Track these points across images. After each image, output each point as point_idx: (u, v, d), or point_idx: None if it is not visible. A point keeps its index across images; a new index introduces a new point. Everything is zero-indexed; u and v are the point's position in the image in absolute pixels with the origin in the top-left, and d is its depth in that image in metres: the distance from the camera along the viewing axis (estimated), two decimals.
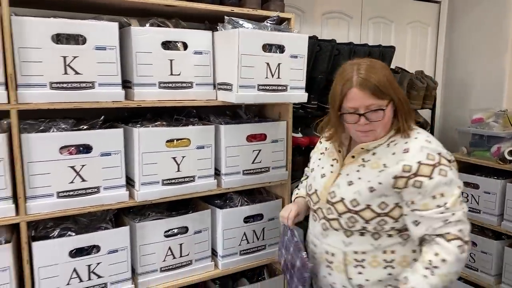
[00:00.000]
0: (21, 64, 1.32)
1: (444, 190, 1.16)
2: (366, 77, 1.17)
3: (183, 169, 1.64)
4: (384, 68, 1.25)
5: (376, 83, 1.17)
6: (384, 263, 1.25)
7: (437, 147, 1.21)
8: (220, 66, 1.65)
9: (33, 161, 1.38)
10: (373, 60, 1.27)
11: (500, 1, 2.76)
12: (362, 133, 1.24)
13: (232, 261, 1.81)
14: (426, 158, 1.17)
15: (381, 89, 1.18)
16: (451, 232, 1.15)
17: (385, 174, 1.20)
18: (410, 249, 1.26)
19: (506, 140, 2.37)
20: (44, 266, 1.43)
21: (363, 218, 1.22)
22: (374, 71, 1.19)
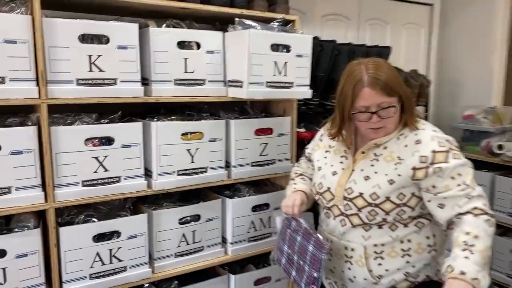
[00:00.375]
0: (51, 62, 1.43)
1: (461, 170, 1.22)
2: (376, 75, 1.22)
3: (196, 161, 1.75)
4: (390, 66, 1.30)
5: (386, 80, 1.22)
6: (402, 252, 1.32)
7: (444, 135, 1.30)
8: (231, 64, 1.77)
9: (60, 152, 1.49)
10: (377, 59, 1.32)
11: (489, 5, 2.91)
12: (373, 130, 1.30)
13: (241, 247, 1.93)
14: (438, 146, 1.24)
15: (391, 86, 1.23)
16: (478, 206, 1.18)
17: (403, 167, 1.26)
18: (424, 236, 1.32)
19: (495, 135, 2.53)
20: (70, 250, 1.53)
21: (384, 210, 1.27)
22: (382, 70, 1.24)
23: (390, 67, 1.30)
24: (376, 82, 1.22)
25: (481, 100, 2.92)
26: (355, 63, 1.30)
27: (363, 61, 1.29)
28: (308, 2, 2.54)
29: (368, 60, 1.30)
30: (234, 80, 1.75)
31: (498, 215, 2.36)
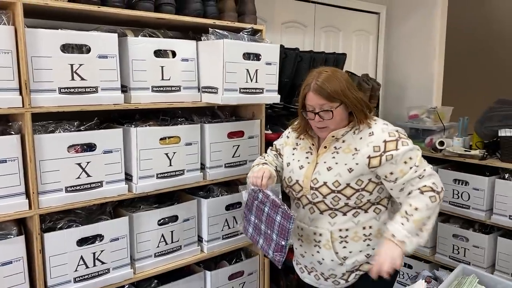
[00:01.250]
0: (34, 72, 1.46)
1: (411, 154, 1.43)
2: (321, 84, 1.43)
3: (174, 164, 1.84)
4: (341, 76, 1.48)
5: (329, 90, 1.42)
6: (364, 237, 1.53)
7: (393, 127, 1.51)
8: (205, 72, 1.87)
9: (44, 159, 1.51)
10: (336, 70, 1.51)
11: (429, 13, 3.22)
12: (318, 129, 1.51)
13: (216, 245, 2.04)
14: (388, 136, 1.45)
15: (332, 95, 1.43)
16: (426, 184, 1.41)
17: (359, 156, 1.46)
18: (383, 222, 1.53)
19: (436, 132, 2.82)
20: (55, 255, 1.56)
21: (345, 195, 1.47)
22: (330, 80, 1.43)
23: (340, 77, 1.47)
24: (320, 90, 1.43)
25: (423, 101, 3.22)
26: (316, 70, 1.49)
27: (321, 69, 1.49)
28: (269, 11, 2.69)
29: (323, 69, 1.48)
30: (209, 87, 1.85)
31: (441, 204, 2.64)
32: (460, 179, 2.55)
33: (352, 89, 1.49)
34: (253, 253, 2.27)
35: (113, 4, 1.62)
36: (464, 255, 2.53)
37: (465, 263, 2.50)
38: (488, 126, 2.48)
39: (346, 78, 1.51)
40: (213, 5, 1.91)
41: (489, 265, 2.46)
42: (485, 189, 2.43)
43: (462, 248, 2.54)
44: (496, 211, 2.40)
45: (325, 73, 1.46)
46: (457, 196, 2.55)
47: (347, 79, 1.51)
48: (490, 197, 2.44)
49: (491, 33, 4.26)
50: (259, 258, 2.24)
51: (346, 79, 1.50)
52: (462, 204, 2.54)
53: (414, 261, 2.81)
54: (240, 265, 2.17)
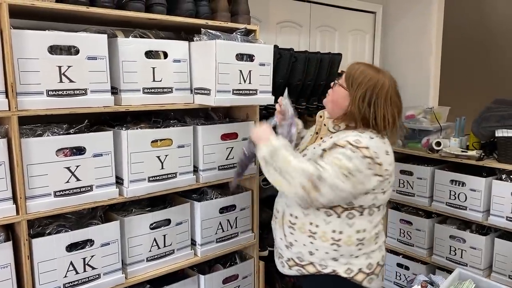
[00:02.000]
0: (20, 74, 1.42)
1: (341, 158, 1.37)
2: (352, 66, 1.51)
3: (166, 167, 1.80)
4: (367, 68, 1.49)
5: (351, 69, 1.49)
6: (309, 232, 1.50)
7: (363, 140, 1.40)
8: (197, 73, 1.84)
9: (32, 163, 1.48)
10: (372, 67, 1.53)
11: (425, 13, 3.20)
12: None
13: (210, 248, 2.01)
14: (349, 138, 1.41)
15: (349, 75, 1.48)
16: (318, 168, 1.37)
17: (320, 148, 1.48)
18: (331, 229, 1.47)
19: (433, 133, 2.79)
20: (43, 261, 1.53)
21: None
22: (361, 70, 1.47)
23: (366, 71, 1.48)
24: (348, 69, 1.53)
25: (419, 101, 3.20)
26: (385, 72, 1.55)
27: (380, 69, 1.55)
28: (264, 10, 2.66)
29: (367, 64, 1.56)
30: (201, 88, 1.82)
31: (437, 205, 2.62)
32: (457, 180, 2.52)
33: (374, 99, 1.44)
34: (248, 256, 2.24)
35: (103, 4, 1.59)
36: (461, 256, 2.51)
37: (462, 264, 2.48)
38: (485, 127, 2.46)
39: (373, 85, 1.45)
40: (205, 5, 1.88)
41: (486, 266, 2.44)
42: (482, 190, 2.41)
43: (459, 250, 2.52)
44: (493, 212, 2.38)
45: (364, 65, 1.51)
46: (454, 197, 2.53)
47: (372, 85, 1.45)
48: (487, 198, 2.41)
49: (488, 33, 4.24)
50: (254, 261, 2.21)
51: (372, 87, 1.44)
52: (459, 205, 2.51)
53: (411, 262, 2.79)
54: (234, 269, 2.14)
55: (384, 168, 1.43)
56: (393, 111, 1.47)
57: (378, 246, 1.55)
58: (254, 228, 2.19)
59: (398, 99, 1.50)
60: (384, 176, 1.45)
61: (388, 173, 1.46)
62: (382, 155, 1.43)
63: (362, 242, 1.50)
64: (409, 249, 2.79)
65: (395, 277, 2.88)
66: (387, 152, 1.47)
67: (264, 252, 2.34)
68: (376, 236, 1.54)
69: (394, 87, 1.50)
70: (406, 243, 2.80)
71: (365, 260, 1.52)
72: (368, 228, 1.51)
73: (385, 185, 1.48)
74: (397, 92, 1.51)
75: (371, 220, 1.51)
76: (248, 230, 2.17)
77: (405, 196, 2.77)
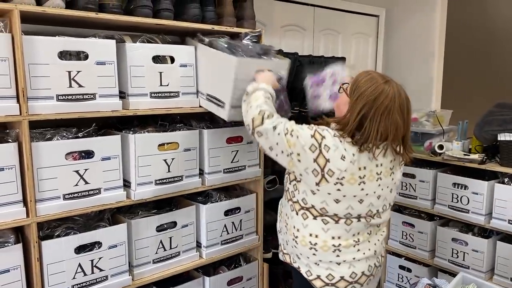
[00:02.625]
0: (31, 79, 1.45)
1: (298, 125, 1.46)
2: (361, 73, 1.48)
3: (172, 170, 1.83)
4: (368, 79, 1.42)
5: (358, 80, 1.43)
6: (285, 222, 1.59)
7: (327, 131, 1.41)
8: (207, 79, 1.84)
9: (41, 167, 1.50)
10: (381, 77, 1.44)
11: (428, 16, 3.22)
12: None
13: (215, 250, 2.03)
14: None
15: (354, 86, 1.43)
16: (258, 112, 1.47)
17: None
18: (293, 224, 1.52)
19: (436, 136, 2.81)
20: (52, 263, 1.56)
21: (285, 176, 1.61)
22: (367, 79, 1.41)
23: (371, 81, 1.41)
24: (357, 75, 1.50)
25: (422, 104, 3.22)
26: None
27: (384, 75, 1.49)
28: (268, 14, 2.68)
29: (384, 75, 1.49)
30: (214, 98, 1.79)
31: (440, 208, 2.64)
32: (459, 183, 2.54)
33: (371, 113, 1.37)
34: (252, 258, 2.26)
35: (111, 10, 1.61)
36: (463, 259, 2.52)
37: (464, 267, 2.50)
38: (488, 130, 2.47)
39: (369, 85, 1.41)
40: (211, 10, 1.90)
41: (488, 269, 2.45)
42: (485, 193, 2.42)
43: (461, 252, 2.53)
44: (496, 216, 2.39)
45: (379, 76, 1.44)
46: (456, 200, 2.55)
47: (370, 94, 1.39)
48: (490, 202, 2.43)
49: (491, 36, 4.26)
50: (258, 263, 2.24)
51: (369, 86, 1.40)
52: (461, 208, 2.53)
53: (413, 264, 2.81)
54: (239, 271, 2.16)
55: (329, 167, 1.38)
56: (387, 127, 1.38)
57: (342, 260, 1.49)
58: (259, 231, 2.22)
59: (400, 116, 1.40)
60: (324, 174, 1.39)
61: (334, 176, 1.39)
62: (333, 154, 1.38)
63: (315, 247, 1.48)
64: (411, 251, 2.80)
65: (397, 279, 2.90)
66: (343, 156, 1.39)
67: (268, 254, 2.36)
68: (336, 249, 1.48)
69: (400, 106, 1.40)
70: (408, 246, 2.81)
71: (325, 270, 1.50)
72: (321, 236, 1.47)
73: (331, 189, 1.41)
74: (402, 108, 1.41)
75: (324, 228, 1.47)
76: (253, 233, 2.19)
77: (407, 198, 2.79)
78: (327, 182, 1.40)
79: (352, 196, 1.43)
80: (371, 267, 1.55)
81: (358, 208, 1.46)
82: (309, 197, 1.46)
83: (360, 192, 1.44)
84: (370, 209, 1.48)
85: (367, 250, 1.53)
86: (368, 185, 1.44)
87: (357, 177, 1.41)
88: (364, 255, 1.52)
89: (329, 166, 1.39)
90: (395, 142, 1.45)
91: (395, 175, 1.53)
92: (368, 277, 1.54)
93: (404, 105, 1.42)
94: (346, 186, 1.41)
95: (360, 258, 1.51)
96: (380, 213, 1.52)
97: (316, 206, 1.46)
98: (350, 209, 1.45)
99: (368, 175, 1.43)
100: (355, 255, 1.50)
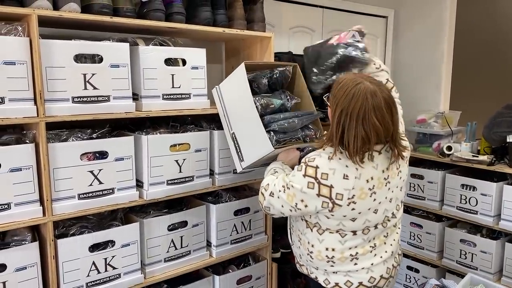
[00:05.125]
0: (48, 82, 1.49)
1: (290, 173, 1.47)
2: (337, 81, 1.43)
3: (184, 170, 1.86)
4: (346, 95, 1.33)
5: (334, 90, 1.39)
6: (298, 237, 1.58)
7: (317, 159, 1.38)
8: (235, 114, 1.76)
9: (57, 167, 1.54)
10: (355, 79, 1.36)
11: (437, 17, 3.22)
12: None
13: (224, 249, 2.06)
14: (310, 155, 1.42)
15: (332, 96, 1.38)
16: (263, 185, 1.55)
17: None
18: (307, 240, 1.50)
19: (444, 137, 2.82)
20: (68, 260, 1.60)
21: None
22: (341, 86, 1.36)
23: (345, 86, 1.35)
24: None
25: (431, 105, 3.22)
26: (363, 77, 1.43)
27: (360, 75, 1.44)
28: (277, 16, 2.70)
29: (359, 75, 1.44)
30: (238, 146, 1.76)
31: (448, 209, 2.64)
32: (468, 185, 2.54)
33: (348, 120, 1.31)
34: (261, 257, 2.29)
35: (125, 14, 1.65)
36: (472, 260, 2.53)
37: (472, 268, 2.50)
38: (497, 132, 2.48)
39: (354, 104, 1.31)
40: (222, 14, 1.93)
41: (496, 270, 2.46)
42: (493, 194, 2.43)
43: (469, 254, 2.54)
44: (504, 217, 2.40)
45: (352, 78, 1.36)
46: (465, 201, 2.55)
47: (354, 109, 1.30)
48: (498, 203, 2.43)
49: (500, 37, 4.24)
50: (267, 262, 2.26)
51: (351, 103, 1.31)
52: (469, 209, 2.54)
53: (421, 265, 2.81)
54: (248, 270, 2.19)
55: (336, 191, 1.35)
56: (367, 131, 1.30)
57: (361, 267, 1.48)
58: (267, 231, 2.24)
59: (378, 117, 1.30)
60: (334, 200, 1.36)
61: (344, 197, 1.36)
62: (333, 178, 1.34)
63: (333, 260, 1.48)
64: (419, 252, 2.81)
65: (405, 279, 2.91)
66: (345, 176, 1.35)
67: (277, 254, 2.39)
68: (354, 258, 1.47)
69: (373, 104, 1.29)
70: (416, 246, 2.83)
71: (343, 277, 1.50)
72: (338, 248, 1.46)
73: (345, 212, 1.38)
74: (378, 108, 1.30)
75: (342, 241, 1.46)
76: (262, 232, 2.22)
77: (415, 199, 2.80)
78: (340, 206, 1.37)
79: (366, 210, 1.41)
80: (389, 269, 1.54)
81: (374, 219, 1.45)
82: (323, 221, 1.44)
83: (373, 203, 1.41)
84: (386, 215, 1.48)
85: (384, 252, 1.52)
86: (379, 193, 1.42)
87: (367, 189, 1.38)
88: (382, 258, 1.50)
89: (335, 191, 1.35)
90: (384, 143, 1.39)
91: (402, 173, 1.50)
92: (387, 279, 1.54)
93: (380, 105, 1.30)
94: (358, 203, 1.38)
95: (378, 263, 1.50)
96: (394, 214, 1.52)
97: (331, 228, 1.45)
98: (367, 222, 1.43)
99: (376, 183, 1.40)
100: (372, 261, 1.48)
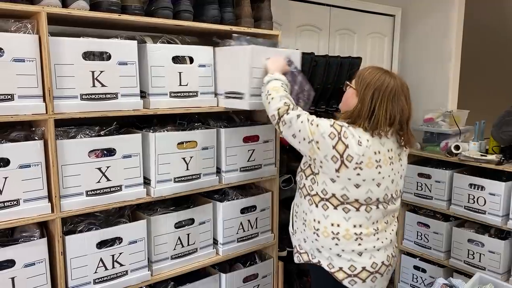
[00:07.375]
0: (57, 79, 1.50)
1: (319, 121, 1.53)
2: (363, 68, 1.61)
3: (191, 168, 1.86)
4: (375, 72, 1.54)
5: (362, 73, 1.56)
6: (303, 220, 1.63)
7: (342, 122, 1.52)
8: (225, 77, 1.88)
9: (66, 164, 1.55)
10: (382, 69, 1.57)
11: (445, 15, 3.20)
12: None
13: (231, 247, 2.06)
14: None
15: (360, 79, 1.54)
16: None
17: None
18: (313, 218, 1.57)
19: (452, 136, 2.80)
20: (75, 257, 1.61)
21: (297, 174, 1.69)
22: (370, 71, 1.54)
23: (374, 72, 1.54)
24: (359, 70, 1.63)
25: (438, 104, 3.19)
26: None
27: (381, 68, 1.61)
28: (284, 14, 2.70)
29: (382, 69, 1.60)
30: (233, 92, 1.84)
31: (456, 209, 2.63)
32: (476, 184, 2.52)
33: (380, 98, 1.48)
34: (267, 256, 2.29)
35: (133, 12, 1.65)
36: (479, 260, 2.51)
37: (480, 268, 2.49)
38: (506, 131, 2.45)
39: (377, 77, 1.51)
40: (230, 12, 1.93)
41: (504, 270, 2.44)
42: (502, 194, 2.41)
43: (477, 254, 2.52)
44: None
45: (371, 68, 1.57)
46: (473, 201, 2.53)
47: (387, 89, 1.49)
48: (507, 203, 2.41)
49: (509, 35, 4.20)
50: (273, 261, 2.26)
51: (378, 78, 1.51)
52: (478, 209, 2.52)
53: (428, 265, 2.80)
54: (254, 268, 2.19)
55: (348, 153, 1.46)
56: (394, 110, 1.49)
57: (364, 249, 1.54)
58: (274, 229, 2.24)
59: (405, 102, 1.53)
60: (343, 159, 1.46)
61: (353, 160, 1.46)
62: (351, 140, 1.46)
63: (338, 237, 1.53)
64: (426, 252, 2.80)
65: (411, 279, 2.90)
66: (359, 142, 1.47)
67: (283, 253, 2.39)
68: (358, 238, 1.53)
69: (402, 90, 1.53)
70: (423, 246, 2.81)
71: (347, 261, 1.54)
72: (343, 224, 1.52)
73: (351, 174, 1.48)
74: (406, 95, 1.54)
75: (346, 217, 1.53)
76: (268, 231, 2.22)
77: (423, 199, 2.78)
78: (347, 168, 1.47)
79: (371, 180, 1.50)
80: (389, 257, 1.61)
81: (376, 192, 1.52)
82: (329, 186, 1.52)
83: (378, 176, 1.51)
84: (386, 193, 1.56)
85: (385, 239, 1.59)
86: (384, 168, 1.52)
87: (374, 161, 1.49)
88: (383, 243, 1.58)
89: (348, 151, 1.46)
90: (399, 126, 1.54)
91: (402, 161, 1.63)
92: (387, 267, 1.60)
93: (407, 89, 1.56)
94: (365, 170, 1.48)
95: (380, 247, 1.57)
96: (394, 199, 1.61)
97: (336, 194, 1.51)
98: (370, 193, 1.51)
99: (383, 159, 1.51)
100: (375, 244, 1.56)
